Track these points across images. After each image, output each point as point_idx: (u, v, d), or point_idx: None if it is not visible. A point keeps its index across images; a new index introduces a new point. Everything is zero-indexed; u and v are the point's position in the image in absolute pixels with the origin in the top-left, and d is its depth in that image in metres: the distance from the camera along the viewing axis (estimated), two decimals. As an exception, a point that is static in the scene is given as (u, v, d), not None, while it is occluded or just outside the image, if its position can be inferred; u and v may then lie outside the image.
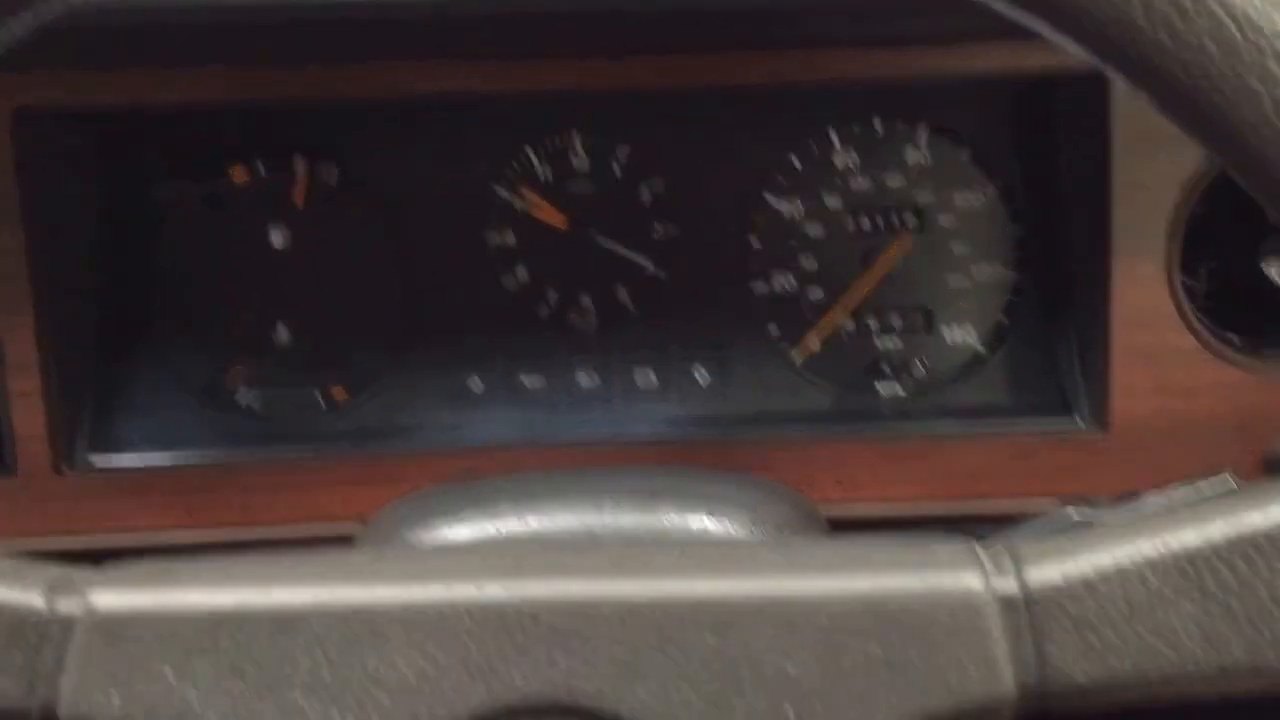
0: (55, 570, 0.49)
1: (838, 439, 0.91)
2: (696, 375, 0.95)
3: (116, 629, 0.47)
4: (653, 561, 0.50)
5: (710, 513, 0.76)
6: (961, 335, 0.96)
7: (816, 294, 0.95)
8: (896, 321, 0.96)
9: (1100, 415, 0.90)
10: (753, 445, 0.91)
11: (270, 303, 0.94)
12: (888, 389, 0.96)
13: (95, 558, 0.52)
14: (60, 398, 0.87)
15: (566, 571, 0.49)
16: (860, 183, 0.95)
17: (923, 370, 0.94)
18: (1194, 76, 0.49)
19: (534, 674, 0.47)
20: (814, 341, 0.95)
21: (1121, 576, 0.48)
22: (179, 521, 0.89)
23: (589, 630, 0.47)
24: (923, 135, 0.95)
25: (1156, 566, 0.48)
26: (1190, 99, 0.49)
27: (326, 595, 0.48)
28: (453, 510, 0.76)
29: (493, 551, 0.52)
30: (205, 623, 0.47)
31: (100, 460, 0.90)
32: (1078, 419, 0.91)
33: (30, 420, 0.86)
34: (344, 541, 0.69)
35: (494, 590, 0.48)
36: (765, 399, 0.95)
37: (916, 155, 0.95)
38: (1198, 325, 0.89)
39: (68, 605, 0.48)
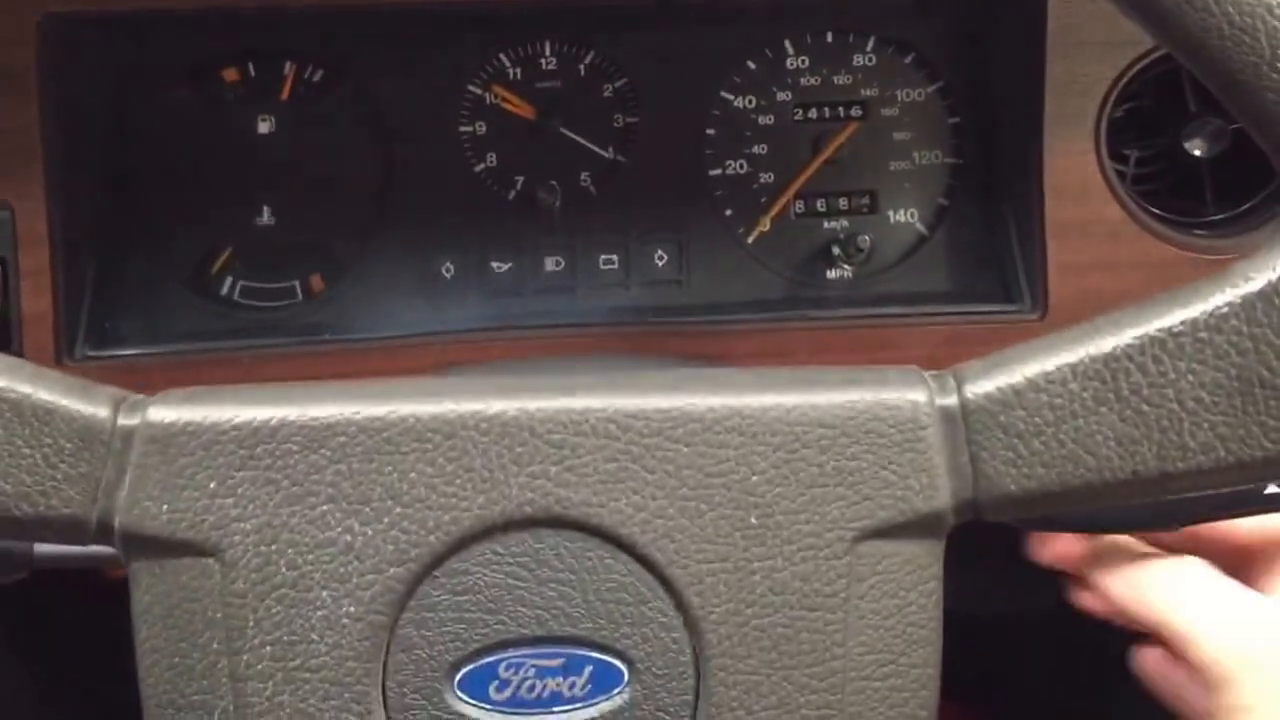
0: (117, 390, 0.55)
1: (788, 325, 0.98)
2: (656, 259, 1.01)
3: (169, 442, 0.53)
4: (635, 383, 0.55)
5: None
6: (905, 216, 1.02)
7: (768, 179, 1.02)
8: (842, 204, 1.02)
9: (1037, 298, 0.96)
10: (708, 333, 0.98)
11: (254, 188, 1.00)
12: (836, 273, 1.02)
13: None
14: (65, 275, 0.93)
15: (560, 391, 0.54)
16: (809, 81, 1.01)
17: (866, 250, 1.00)
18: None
19: (529, 485, 0.53)
20: (765, 223, 1.01)
21: (1046, 383, 0.52)
22: None
23: (579, 442, 0.53)
24: (870, 44, 1.01)
25: (1077, 371, 0.52)
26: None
27: (352, 410, 0.53)
28: None
29: (498, 378, 0.57)
30: (245, 436, 0.53)
31: (96, 354, 0.95)
32: (1016, 304, 0.98)
33: (37, 300, 0.92)
34: None
35: (498, 406, 0.53)
36: (721, 283, 1.01)
37: (863, 59, 1.02)
38: (1126, 198, 0.95)
39: (129, 418, 0.53)
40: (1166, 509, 0.62)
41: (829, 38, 1.01)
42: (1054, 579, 0.68)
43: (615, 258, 1.01)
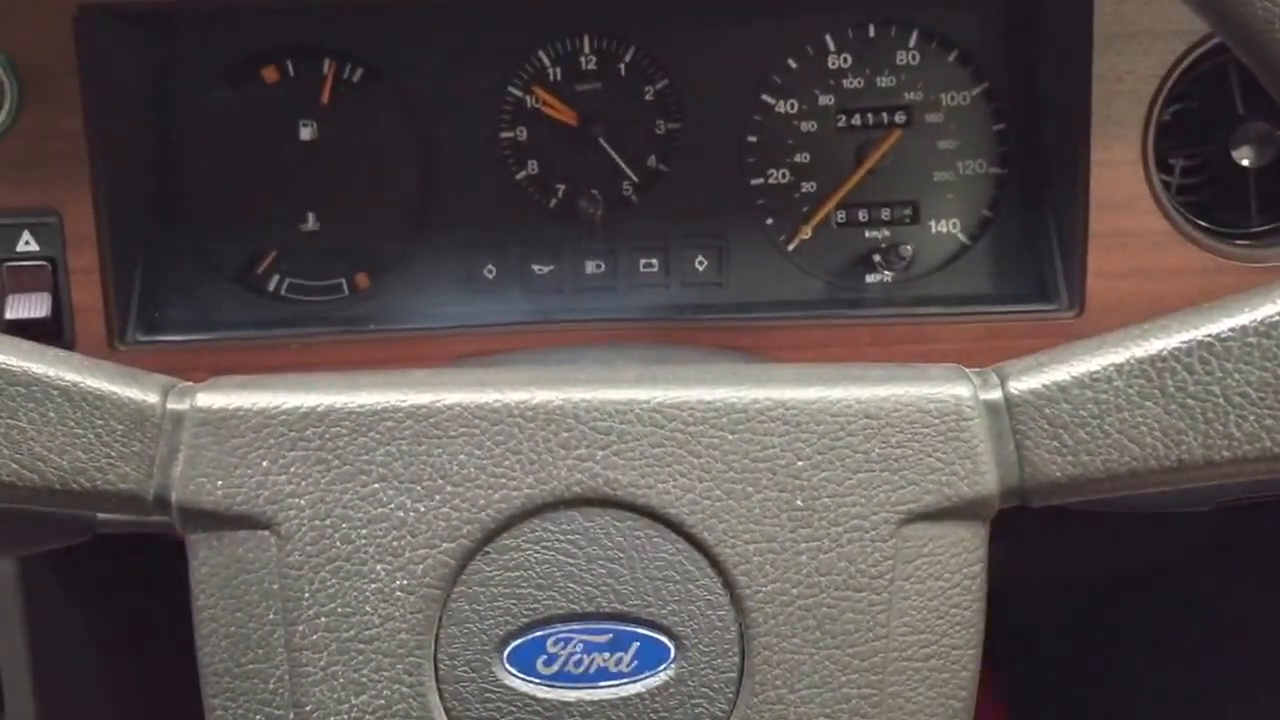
0: (166, 377, 0.58)
1: (826, 323, 0.99)
2: (696, 263, 1.03)
3: (220, 425, 0.56)
4: (678, 375, 0.58)
5: None
6: (946, 227, 1.04)
7: (810, 187, 1.04)
8: (884, 214, 1.04)
9: (1075, 298, 0.98)
10: (746, 328, 1.00)
11: (299, 193, 1.03)
12: (875, 278, 1.04)
13: None
14: (114, 273, 0.96)
15: (607, 381, 0.57)
16: (852, 83, 1.03)
17: (908, 259, 1.02)
18: None
19: (576, 467, 0.55)
20: (806, 231, 1.03)
21: (1092, 380, 0.55)
22: None
23: (624, 429, 0.55)
24: (913, 39, 1.03)
25: (1122, 369, 0.55)
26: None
27: (399, 397, 0.56)
28: None
29: (541, 369, 0.59)
30: (295, 419, 0.56)
31: (147, 339, 0.99)
32: (1054, 303, 0.99)
33: (87, 294, 0.95)
34: None
35: (544, 395, 0.56)
36: (760, 286, 1.03)
37: (906, 57, 1.03)
38: (1171, 209, 0.97)
39: (178, 404, 0.56)
40: (1200, 490, 0.64)
41: (871, 32, 1.03)
42: (1069, 548, 0.70)
43: (655, 261, 1.03)
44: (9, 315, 0.93)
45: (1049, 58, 1.00)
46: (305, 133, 1.03)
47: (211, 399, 0.56)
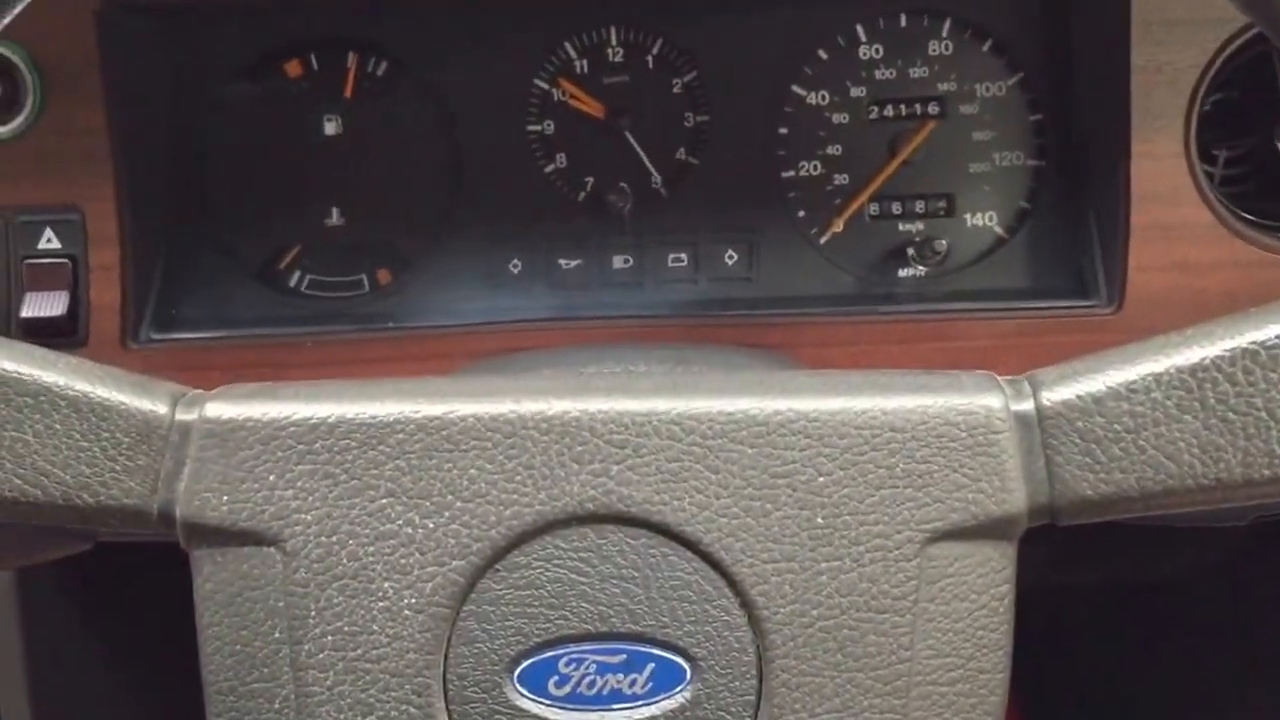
0: (176, 386, 0.57)
1: (855, 319, 0.98)
2: (726, 258, 1.02)
3: (227, 436, 0.55)
4: (697, 384, 0.56)
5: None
6: (983, 220, 1.02)
7: (842, 180, 1.02)
8: (919, 207, 1.02)
9: (1114, 293, 0.95)
10: (775, 325, 0.98)
11: (323, 190, 1.03)
12: (909, 272, 1.02)
13: None
14: (134, 270, 0.96)
15: (621, 392, 0.55)
16: (885, 73, 1.01)
17: (943, 254, 1.00)
18: None
19: (590, 482, 0.54)
20: (839, 224, 1.02)
21: (1129, 392, 0.53)
22: None
23: (640, 443, 0.54)
24: (946, 28, 1.01)
25: (1161, 380, 0.53)
26: None
27: (409, 409, 0.55)
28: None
29: (555, 377, 0.59)
30: (304, 432, 0.55)
31: (162, 337, 0.98)
32: (1092, 299, 0.97)
33: (105, 292, 0.95)
34: None
35: (558, 406, 0.55)
36: (791, 281, 1.02)
37: (939, 47, 1.01)
38: (1214, 200, 0.94)
39: (187, 414, 0.56)
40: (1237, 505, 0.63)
41: (903, 21, 1.01)
42: (1095, 553, 0.68)
43: (684, 255, 1.02)
44: (25, 313, 0.94)
45: (1086, 47, 0.98)
46: (329, 127, 1.02)
47: (220, 409, 0.56)
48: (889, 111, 1.01)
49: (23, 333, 0.94)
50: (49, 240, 0.95)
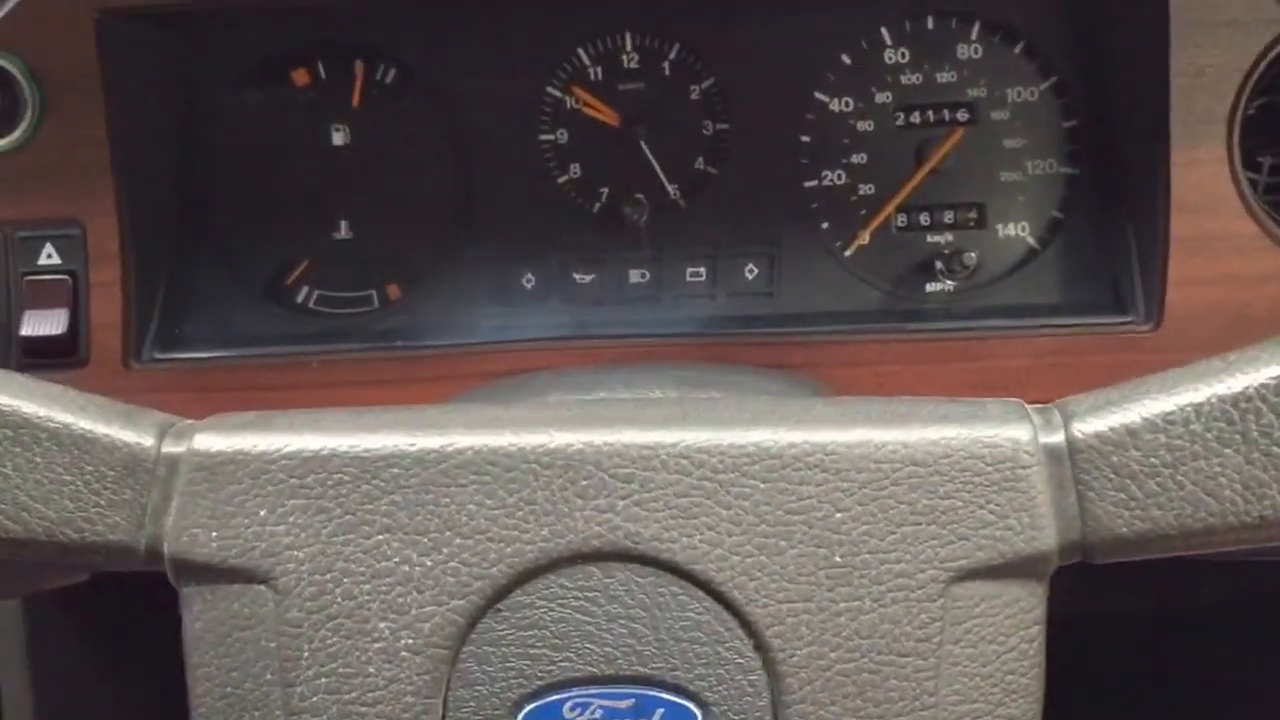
0: (163, 416, 0.56)
1: (882, 337, 0.95)
2: (746, 272, 0.99)
3: (216, 470, 0.53)
4: (707, 414, 0.54)
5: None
6: (1014, 230, 0.99)
7: (868, 190, 0.99)
8: (948, 217, 0.99)
9: (1153, 309, 0.92)
10: (797, 343, 0.95)
11: (331, 202, 1.01)
12: (937, 286, 0.99)
13: None
14: (136, 287, 0.94)
15: (628, 423, 0.53)
16: (911, 79, 0.98)
17: (972, 267, 0.97)
18: None
19: (595, 518, 0.52)
20: (864, 236, 0.99)
21: (1165, 424, 0.51)
22: None
23: (648, 477, 0.52)
24: (975, 31, 0.98)
25: (1201, 411, 0.51)
26: None
27: (405, 442, 0.53)
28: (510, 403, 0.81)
29: (559, 405, 0.57)
30: (296, 465, 0.53)
31: (165, 356, 0.96)
32: (1130, 315, 0.94)
33: (106, 310, 0.94)
34: None
35: (561, 439, 0.53)
36: (814, 296, 0.99)
37: (968, 50, 0.98)
38: (1259, 210, 0.91)
39: (175, 446, 0.54)
40: None
41: (930, 24, 0.98)
42: (1132, 580, 0.65)
43: (702, 270, 1.00)
44: (24, 332, 0.93)
45: (1123, 49, 0.94)
46: (337, 137, 1.00)
47: (209, 441, 0.54)
48: (916, 118, 0.99)
49: (22, 351, 0.93)
50: (49, 256, 0.94)
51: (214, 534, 0.53)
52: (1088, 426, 0.52)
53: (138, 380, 0.95)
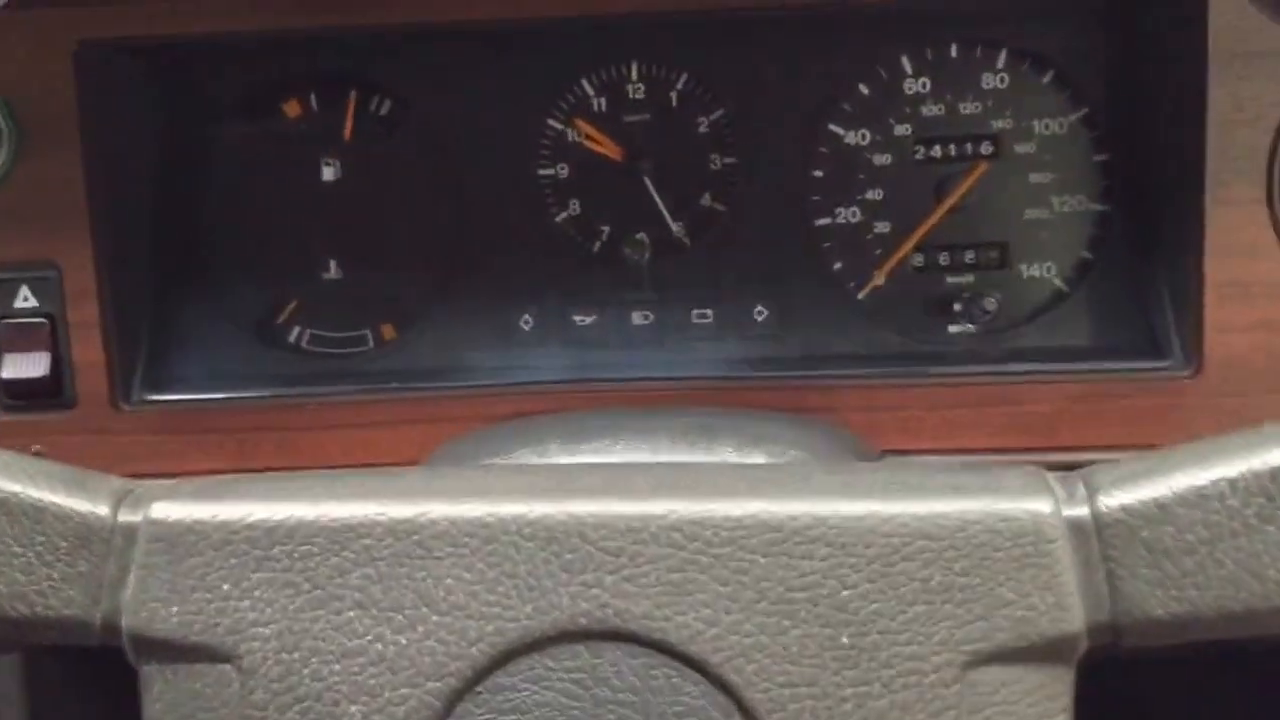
0: (120, 482, 0.54)
1: (902, 381, 0.91)
2: (755, 314, 0.96)
3: (176, 540, 0.51)
4: (702, 483, 0.51)
5: (767, 454, 0.77)
6: (1040, 271, 0.95)
7: (883, 228, 0.96)
8: (969, 257, 0.95)
9: (1191, 354, 0.88)
10: (812, 387, 0.92)
11: (321, 238, 0.98)
12: (959, 329, 0.95)
13: None
14: (117, 327, 0.92)
15: (615, 492, 0.51)
16: (932, 110, 0.95)
17: (993, 312, 0.93)
18: None
19: (582, 594, 0.49)
20: (879, 277, 0.95)
21: (1200, 498, 0.48)
22: (230, 459, 0.93)
23: (638, 550, 0.49)
24: (1002, 59, 0.94)
25: (1238, 486, 0.48)
26: None
27: (377, 511, 0.51)
28: (504, 450, 0.78)
29: (541, 472, 0.54)
30: (260, 536, 0.51)
31: (155, 397, 0.94)
32: (1166, 359, 0.90)
33: (89, 350, 0.92)
34: None
35: (542, 509, 0.50)
36: (827, 339, 0.96)
37: (994, 80, 0.94)
38: (1299, 253, 0.87)
39: (131, 515, 0.52)
40: None
41: (953, 52, 0.94)
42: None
43: (709, 311, 0.96)
44: (5, 375, 0.91)
45: (1157, 80, 0.91)
46: (327, 172, 0.97)
47: (168, 509, 0.52)
48: (936, 151, 0.95)
49: (5, 395, 0.92)
50: (25, 299, 0.91)
51: (174, 609, 0.50)
52: (1115, 499, 0.48)
53: (129, 421, 0.93)
